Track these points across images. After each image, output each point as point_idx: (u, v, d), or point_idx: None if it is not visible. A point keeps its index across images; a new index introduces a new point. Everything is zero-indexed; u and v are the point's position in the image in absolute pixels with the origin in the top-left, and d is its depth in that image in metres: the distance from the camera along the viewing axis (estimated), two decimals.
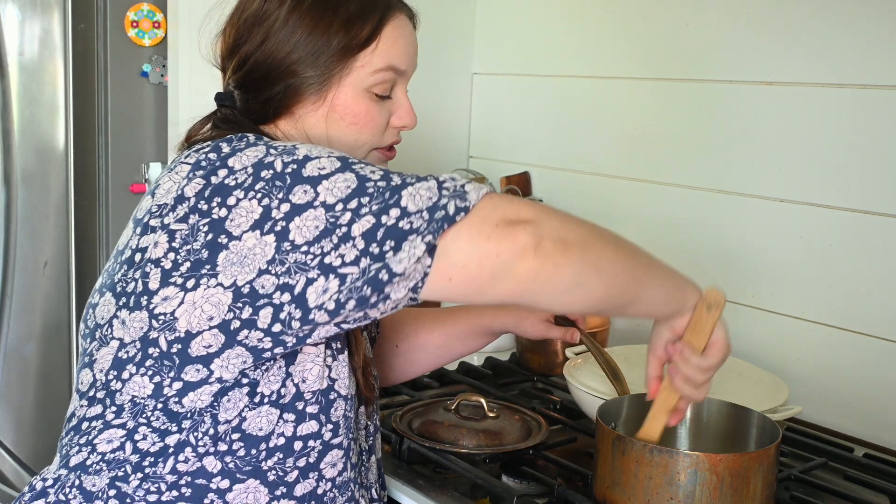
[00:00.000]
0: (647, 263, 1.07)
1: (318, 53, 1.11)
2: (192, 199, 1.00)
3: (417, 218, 0.93)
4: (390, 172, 0.98)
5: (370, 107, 1.15)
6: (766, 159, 1.71)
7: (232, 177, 0.99)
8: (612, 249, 1.02)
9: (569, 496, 1.28)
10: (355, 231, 0.93)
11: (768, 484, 1.17)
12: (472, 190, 0.95)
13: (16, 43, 1.95)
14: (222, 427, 1.02)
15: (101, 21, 1.99)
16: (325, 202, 0.95)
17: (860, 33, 1.56)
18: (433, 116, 2.29)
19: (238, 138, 1.05)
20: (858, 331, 1.60)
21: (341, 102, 1.13)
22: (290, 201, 0.95)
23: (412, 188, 0.95)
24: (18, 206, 1.98)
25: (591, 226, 1.03)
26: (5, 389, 2.05)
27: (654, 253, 1.09)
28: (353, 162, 0.98)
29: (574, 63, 2.08)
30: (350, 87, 1.13)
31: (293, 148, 1.00)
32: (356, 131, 1.15)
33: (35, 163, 1.99)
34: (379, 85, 1.14)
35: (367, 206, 0.94)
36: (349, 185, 0.95)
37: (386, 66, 1.14)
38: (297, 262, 0.95)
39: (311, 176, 0.96)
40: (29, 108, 1.97)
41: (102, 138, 2.05)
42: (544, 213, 0.98)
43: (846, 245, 1.61)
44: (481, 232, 0.94)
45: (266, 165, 0.98)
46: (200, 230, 0.98)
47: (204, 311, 0.98)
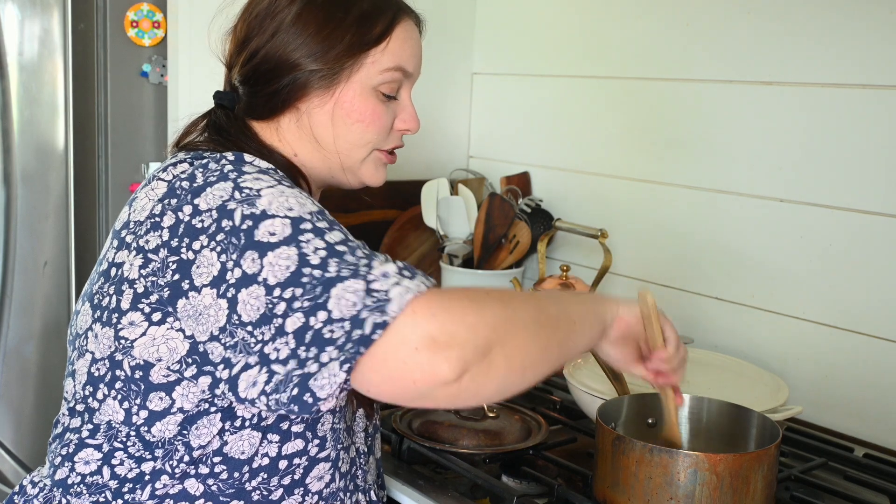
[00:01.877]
0: (562, 317, 1.05)
1: (329, 48, 1.11)
2: (165, 232, 1.00)
3: (339, 328, 0.92)
4: (331, 254, 0.96)
5: (377, 106, 1.15)
6: (766, 159, 1.71)
7: (198, 218, 0.99)
8: (534, 332, 1.00)
9: (569, 496, 1.28)
10: (288, 326, 0.93)
11: (768, 484, 1.17)
12: (397, 297, 0.93)
13: (16, 43, 1.94)
14: (198, 452, 1.03)
15: (101, 21, 1.99)
16: (266, 281, 0.94)
17: (860, 33, 1.56)
18: (433, 116, 2.29)
19: (216, 160, 1.04)
20: (858, 331, 1.60)
21: (349, 99, 1.13)
22: (241, 267, 0.95)
23: (341, 287, 0.93)
24: (18, 206, 1.98)
25: (512, 310, 0.99)
26: (5, 389, 2.05)
27: (654, 253, 1.09)
28: (304, 228, 0.97)
29: (574, 63, 2.08)
30: (358, 84, 1.13)
31: (256, 194, 0.99)
32: (361, 129, 1.15)
33: (35, 163, 1.99)
34: (387, 84, 1.15)
35: (300, 299, 0.93)
36: (289, 266, 0.94)
37: (395, 66, 1.14)
38: (244, 340, 0.95)
39: (260, 242, 0.95)
40: (29, 108, 1.97)
41: (102, 138, 2.05)
42: (470, 325, 0.94)
43: (846, 245, 1.61)
44: (398, 356, 0.92)
45: (228, 213, 0.98)
46: (169, 267, 0.99)
47: (158, 351, 1.00)
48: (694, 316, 1.85)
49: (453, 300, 0.95)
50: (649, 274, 1.94)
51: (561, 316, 1.04)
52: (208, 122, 1.17)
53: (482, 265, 2.06)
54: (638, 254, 1.95)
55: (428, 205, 2.14)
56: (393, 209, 2.20)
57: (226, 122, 1.15)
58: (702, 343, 1.77)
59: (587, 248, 2.03)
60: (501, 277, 2.03)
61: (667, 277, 1.90)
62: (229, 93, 1.18)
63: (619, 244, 1.93)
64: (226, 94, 1.18)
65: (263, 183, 1.01)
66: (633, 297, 1.14)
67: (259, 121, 1.15)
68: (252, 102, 1.15)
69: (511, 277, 2.00)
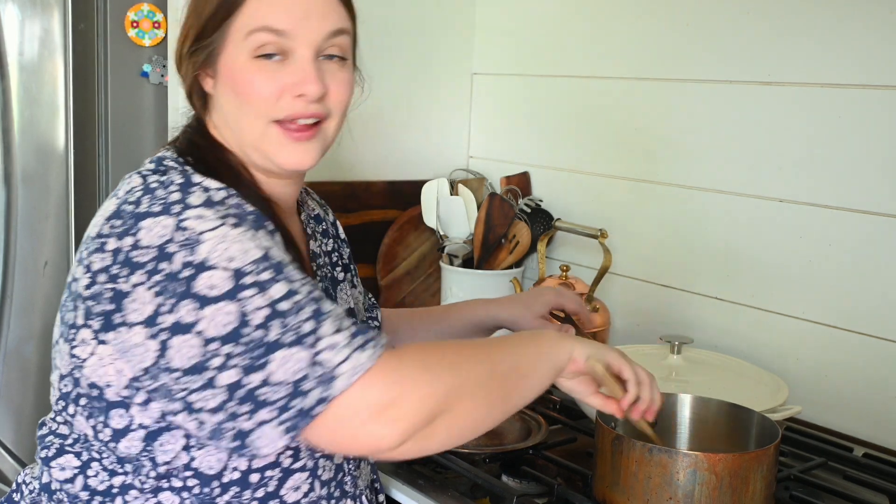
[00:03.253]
0: (513, 372, 1.04)
1: (204, 22, 1.07)
2: (108, 257, 0.98)
3: (277, 392, 0.91)
4: (273, 314, 0.93)
5: (255, 74, 1.06)
6: (766, 159, 1.71)
7: (138, 252, 0.95)
8: (482, 396, 1.00)
9: (569, 496, 1.28)
10: (221, 381, 0.92)
11: (768, 484, 1.17)
12: (345, 374, 0.92)
13: (16, 43, 1.94)
14: (164, 468, 1.02)
15: (101, 21, 1.99)
16: (203, 333, 0.92)
17: (860, 33, 1.56)
18: (433, 116, 2.29)
19: (164, 185, 1.01)
20: (858, 331, 1.60)
21: (227, 71, 1.07)
22: (177, 313, 0.93)
23: (284, 353, 0.92)
24: (18, 206, 1.98)
25: (463, 376, 0.99)
26: (5, 389, 2.05)
27: (654, 253, 1.08)
28: (245, 283, 0.93)
29: (574, 63, 2.08)
30: (232, 55, 1.07)
31: (197, 239, 0.95)
32: (242, 101, 1.07)
33: (35, 163, 1.99)
34: (261, 48, 1.06)
35: (238, 357, 0.92)
36: (229, 323, 0.92)
37: (259, 27, 1.05)
38: (166, 386, 0.95)
39: (199, 294, 0.93)
40: (29, 108, 1.97)
41: (102, 138, 2.05)
42: (420, 397, 0.94)
43: (846, 245, 1.61)
44: (346, 428, 0.93)
45: (167, 256, 0.94)
46: (105, 295, 0.97)
47: (107, 373, 1.00)
48: (694, 316, 1.85)
49: (406, 370, 0.95)
50: (649, 274, 1.94)
51: (512, 371, 1.04)
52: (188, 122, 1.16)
53: (482, 265, 2.06)
54: (638, 254, 1.95)
55: (428, 205, 2.14)
56: (393, 209, 2.20)
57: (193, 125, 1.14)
58: (702, 343, 1.77)
59: (587, 248, 2.03)
60: (501, 277, 2.03)
61: (667, 277, 1.90)
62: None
63: (619, 244, 1.93)
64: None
65: (206, 224, 0.96)
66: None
67: (205, 114, 1.13)
68: (193, 99, 1.13)
69: (511, 277, 2.00)
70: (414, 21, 2.22)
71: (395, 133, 2.23)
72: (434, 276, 2.22)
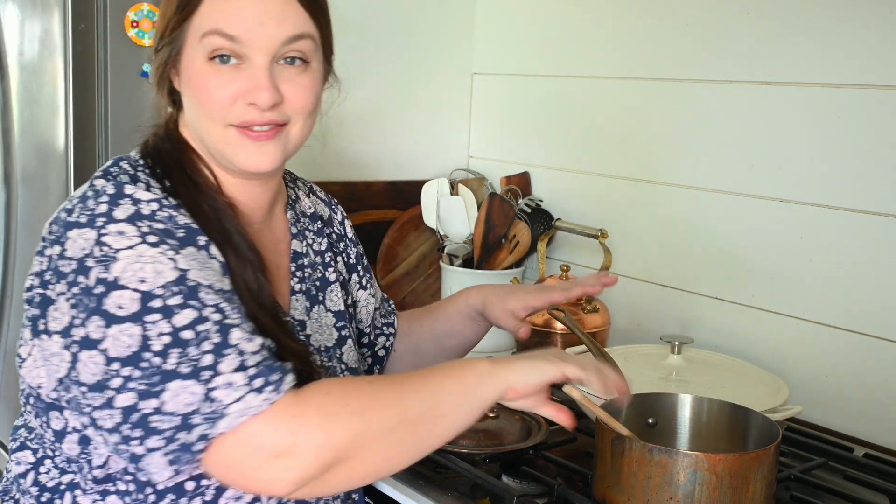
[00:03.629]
0: (429, 413, 0.98)
1: (167, 22, 1.07)
2: (44, 262, 0.99)
3: (168, 420, 0.91)
4: (175, 343, 0.92)
5: (210, 78, 1.05)
6: (766, 159, 1.71)
7: (63, 262, 0.97)
8: (387, 443, 0.96)
9: (569, 496, 1.28)
10: (118, 402, 0.92)
11: (768, 484, 1.17)
12: (233, 415, 0.90)
13: (16, 43, 1.94)
14: (99, 472, 1.02)
15: (101, 21, 1.99)
16: (107, 352, 0.93)
17: (860, 33, 1.56)
18: (433, 116, 2.29)
19: (96, 195, 1.00)
20: (858, 331, 1.60)
21: (186, 72, 1.07)
22: (87, 328, 0.94)
23: (179, 384, 0.91)
24: (18, 206, 1.98)
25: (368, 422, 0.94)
26: (5, 389, 2.05)
27: (654, 253, 1.08)
28: (152, 307, 0.93)
29: (574, 63, 2.08)
30: (189, 57, 1.06)
31: (113, 256, 0.95)
32: (200, 104, 1.07)
33: (35, 163, 1.99)
34: (215, 51, 1.04)
35: (136, 381, 0.92)
36: (130, 346, 0.92)
37: (211, 30, 1.04)
38: (76, 399, 0.96)
39: (107, 312, 0.93)
40: (29, 108, 1.97)
41: (102, 138, 2.05)
42: (317, 445, 0.92)
43: (846, 245, 1.61)
44: (234, 467, 0.92)
45: (84, 270, 0.95)
46: (35, 299, 0.99)
47: (40, 374, 1.01)
48: (694, 316, 1.85)
49: (304, 416, 0.92)
50: (649, 274, 1.94)
51: (426, 413, 0.97)
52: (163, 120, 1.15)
53: (482, 265, 2.07)
54: (638, 254, 1.95)
55: (428, 205, 2.14)
56: (393, 209, 2.20)
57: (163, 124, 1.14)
58: (702, 343, 1.77)
59: (587, 248, 2.03)
60: (501, 277, 2.03)
61: (667, 277, 1.90)
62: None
63: (619, 244, 1.93)
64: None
65: (124, 241, 0.96)
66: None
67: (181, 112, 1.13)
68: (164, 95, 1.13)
69: (511, 277, 2.00)
70: (414, 21, 2.22)
71: (395, 133, 2.23)
72: (434, 276, 2.22)
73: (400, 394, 0.97)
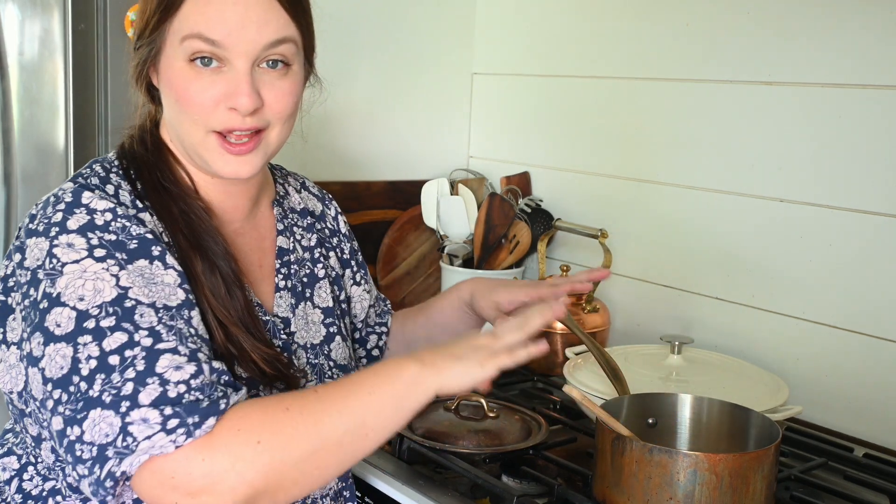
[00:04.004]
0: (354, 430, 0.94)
1: (147, 21, 1.05)
2: (9, 267, 0.99)
3: (88, 451, 0.89)
4: (101, 368, 0.90)
5: (190, 81, 1.03)
6: (766, 159, 1.71)
7: (21, 272, 0.97)
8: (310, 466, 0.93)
9: (569, 496, 1.28)
10: (53, 425, 0.92)
11: (768, 484, 1.17)
12: (139, 451, 0.88)
13: (16, 43, 1.94)
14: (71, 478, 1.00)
15: (101, 21, 1.99)
16: (44, 372, 0.92)
17: (860, 33, 1.56)
18: (433, 116, 2.29)
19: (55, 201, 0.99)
20: (858, 331, 1.60)
21: (166, 74, 1.05)
22: (31, 343, 0.94)
23: (99, 413, 0.89)
24: (18, 206, 1.98)
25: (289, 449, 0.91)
26: None
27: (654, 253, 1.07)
28: (86, 328, 0.92)
29: (574, 63, 2.08)
30: (171, 57, 1.04)
31: (59, 271, 0.94)
32: (180, 109, 1.05)
33: (35, 163, 1.99)
34: (194, 54, 1.02)
35: (63, 405, 0.91)
36: (62, 367, 0.91)
37: (191, 33, 1.02)
38: (35, 413, 0.96)
39: (47, 329, 0.92)
40: (29, 108, 1.97)
41: (102, 138, 2.04)
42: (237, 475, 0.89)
43: (846, 245, 1.61)
44: (156, 500, 0.90)
45: (35, 283, 0.95)
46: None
47: (12, 380, 1.00)
48: (694, 316, 1.85)
49: (214, 456, 0.89)
50: (649, 274, 1.94)
51: (351, 433, 0.94)
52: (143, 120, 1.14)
53: (482, 265, 2.06)
54: (638, 254, 1.95)
55: (428, 205, 2.14)
56: (393, 209, 2.20)
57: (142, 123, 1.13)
58: (702, 343, 1.77)
59: (587, 248, 2.03)
60: (501, 277, 2.03)
61: (667, 277, 1.90)
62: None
63: (619, 244, 1.93)
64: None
65: (72, 255, 0.94)
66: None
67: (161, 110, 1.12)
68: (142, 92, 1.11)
69: (511, 277, 2.00)
70: (414, 21, 2.21)
71: (395, 133, 2.23)
72: (434, 276, 2.22)
73: (318, 419, 0.93)
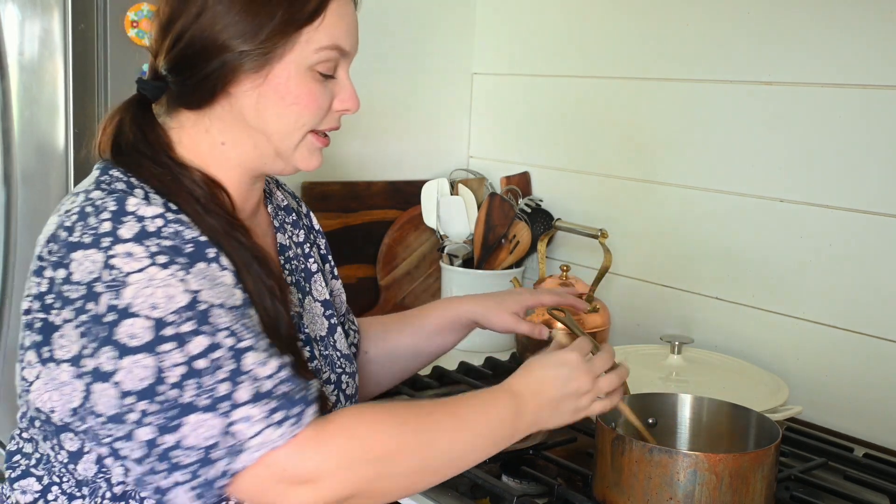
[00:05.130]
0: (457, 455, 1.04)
1: (259, 27, 1.02)
2: (44, 284, 0.96)
3: (189, 456, 0.91)
4: (190, 374, 0.92)
5: (313, 86, 1.07)
6: (766, 159, 1.71)
7: (69, 287, 0.94)
8: (408, 482, 1.00)
9: (569, 496, 1.28)
10: (140, 436, 0.92)
11: (768, 484, 1.17)
12: (253, 448, 0.91)
13: (16, 43, 1.94)
14: (119, 489, 1.01)
15: (101, 21, 1.99)
16: (120, 385, 0.91)
17: (860, 33, 1.56)
18: (433, 116, 2.29)
19: (96, 212, 0.96)
20: (858, 331, 1.60)
21: (283, 81, 1.05)
22: (98, 359, 0.92)
23: (197, 418, 0.91)
24: (18, 206, 1.98)
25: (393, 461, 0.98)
26: (5, 389, 2.04)
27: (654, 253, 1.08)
28: (165, 335, 0.92)
29: (574, 63, 2.08)
30: (293, 65, 1.05)
31: (123, 281, 0.92)
32: (297, 112, 1.06)
33: (35, 163, 1.99)
34: (323, 63, 1.06)
35: (153, 415, 0.91)
36: (145, 378, 0.91)
37: (331, 45, 1.06)
38: (93, 430, 0.94)
39: (119, 342, 0.91)
40: (29, 108, 1.97)
41: None
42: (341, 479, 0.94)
43: (846, 245, 1.61)
44: (260, 495, 0.94)
45: (94, 297, 0.93)
46: (35, 326, 0.96)
47: (51, 399, 0.97)
48: (694, 316, 1.85)
49: (327, 453, 0.94)
50: (649, 274, 1.94)
51: (453, 462, 1.03)
52: (117, 126, 1.09)
53: (482, 265, 2.06)
54: (638, 254, 1.95)
55: (428, 205, 2.14)
56: (393, 209, 2.20)
57: (130, 128, 1.07)
58: (702, 343, 1.77)
59: (587, 248, 2.03)
60: (501, 277, 2.03)
61: (667, 277, 1.90)
62: (153, 83, 1.09)
63: (619, 244, 1.93)
64: (149, 83, 1.09)
65: (133, 264, 0.93)
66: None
67: (191, 110, 1.08)
68: (181, 92, 1.06)
69: (511, 277, 2.00)
70: (414, 21, 2.21)
71: (395, 133, 2.23)
72: (434, 276, 2.22)
73: (429, 443, 1.00)
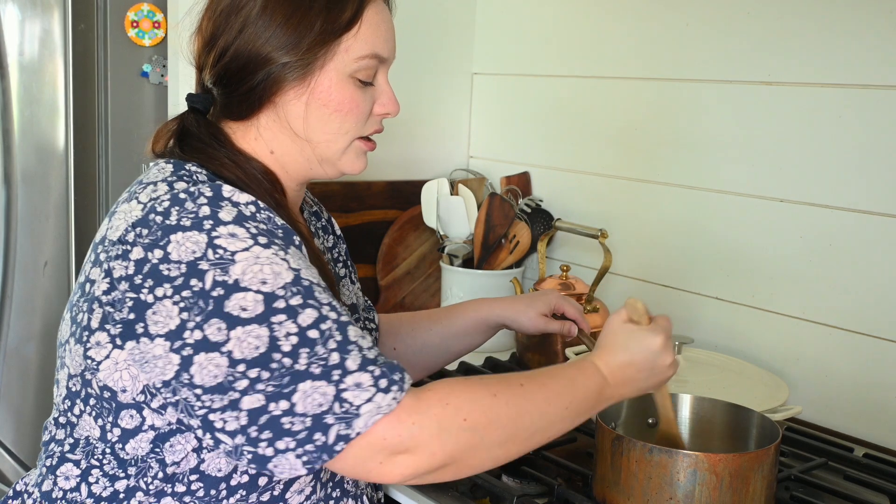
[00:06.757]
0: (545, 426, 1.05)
1: (300, 38, 1.07)
2: (131, 266, 0.97)
3: (300, 422, 0.93)
4: (303, 342, 0.94)
5: (354, 93, 1.11)
6: (766, 159, 1.71)
7: (166, 266, 0.96)
8: (500, 451, 1.02)
9: (569, 496, 1.28)
10: (245, 404, 0.93)
11: (768, 484, 1.17)
12: (366, 414, 0.93)
13: (16, 43, 1.95)
14: (171, 469, 1.02)
15: (101, 21, 1.99)
16: (231, 354, 0.93)
17: (860, 33, 1.56)
18: (433, 116, 2.29)
19: (192, 197, 0.99)
20: (858, 331, 1.60)
21: (325, 89, 1.09)
22: (203, 331, 0.93)
23: (310, 385, 0.93)
24: (18, 206, 1.99)
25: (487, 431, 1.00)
26: (5, 389, 2.05)
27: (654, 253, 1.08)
28: (277, 308, 0.94)
29: (574, 63, 2.08)
30: (334, 73, 1.09)
31: (230, 259, 0.95)
32: (340, 119, 1.11)
33: (35, 163, 1.99)
34: (363, 71, 1.11)
35: (265, 382, 0.93)
36: (258, 347, 0.93)
37: (370, 53, 1.10)
38: (187, 401, 0.96)
39: (230, 314, 0.93)
40: (29, 108, 1.97)
41: (102, 138, 2.05)
42: (439, 444, 0.96)
43: (846, 245, 1.61)
44: (364, 465, 0.96)
45: (199, 273, 0.95)
46: (126, 303, 0.97)
47: (122, 378, 0.99)
48: (694, 316, 1.85)
49: (424, 421, 0.96)
50: (649, 274, 1.94)
51: (541, 431, 1.05)
52: (178, 126, 1.13)
53: (482, 265, 2.06)
54: (638, 254, 1.95)
55: (428, 205, 2.14)
56: (393, 209, 2.20)
57: (196, 127, 1.11)
58: (702, 343, 1.77)
59: (587, 248, 2.03)
60: (501, 277, 2.03)
61: (667, 277, 1.90)
62: (202, 95, 1.14)
63: (619, 244, 1.93)
64: (198, 96, 1.14)
65: (238, 244, 0.96)
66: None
67: (237, 121, 1.12)
68: (228, 103, 1.11)
69: (511, 277, 2.00)
70: (414, 21, 2.21)
71: (395, 133, 2.23)
72: (434, 276, 2.22)
73: (521, 414, 1.02)
